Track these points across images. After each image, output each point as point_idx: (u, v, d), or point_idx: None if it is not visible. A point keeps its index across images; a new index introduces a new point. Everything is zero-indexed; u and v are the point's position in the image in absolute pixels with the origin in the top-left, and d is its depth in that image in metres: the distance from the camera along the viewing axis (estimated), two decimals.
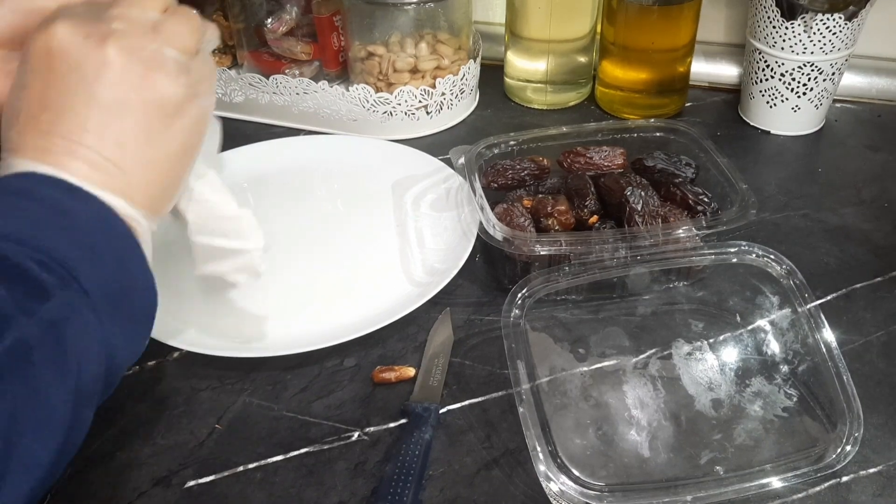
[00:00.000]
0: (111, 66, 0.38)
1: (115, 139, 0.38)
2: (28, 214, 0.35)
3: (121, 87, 0.38)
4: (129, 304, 0.38)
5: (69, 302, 0.34)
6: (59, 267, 0.34)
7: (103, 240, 0.37)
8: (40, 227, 0.35)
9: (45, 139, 0.37)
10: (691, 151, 0.69)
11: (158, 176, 0.40)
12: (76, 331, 0.34)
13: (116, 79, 0.38)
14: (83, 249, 0.35)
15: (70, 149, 0.37)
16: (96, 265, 0.36)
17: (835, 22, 0.74)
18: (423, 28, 0.82)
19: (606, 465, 0.50)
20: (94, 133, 0.37)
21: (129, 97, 0.38)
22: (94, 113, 0.37)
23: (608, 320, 0.60)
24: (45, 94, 0.37)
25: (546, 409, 0.53)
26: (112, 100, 0.38)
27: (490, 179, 0.68)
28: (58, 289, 0.34)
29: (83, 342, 0.35)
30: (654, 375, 0.56)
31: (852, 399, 0.51)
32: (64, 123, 0.37)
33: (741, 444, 0.51)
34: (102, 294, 0.36)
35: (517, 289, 0.56)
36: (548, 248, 0.59)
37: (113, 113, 0.38)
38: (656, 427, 0.52)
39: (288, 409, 0.56)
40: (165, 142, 0.40)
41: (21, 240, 0.34)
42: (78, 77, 0.37)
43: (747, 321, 0.59)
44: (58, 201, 0.36)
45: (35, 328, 0.33)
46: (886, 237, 0.69)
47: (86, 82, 0.37)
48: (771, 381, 0.55)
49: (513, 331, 0.54)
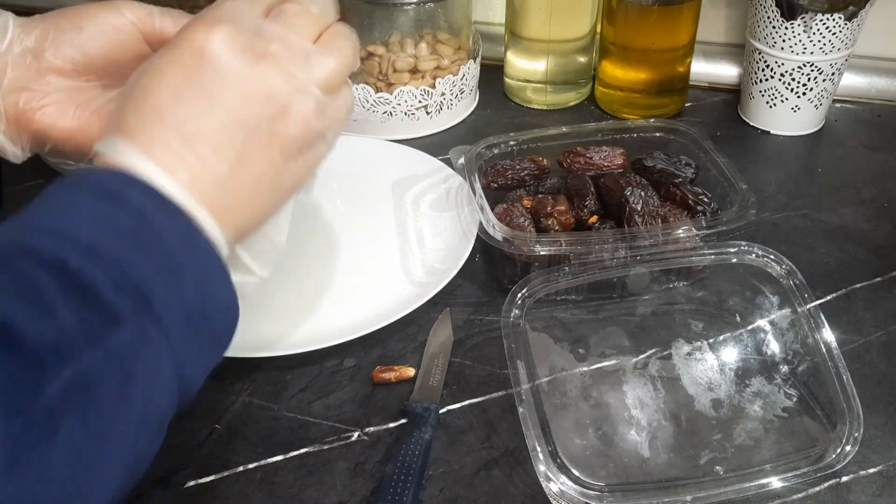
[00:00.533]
0: (257, 88, 0.37)
1: (231, 159, 0.36)
2: (114, 225, 0.33)
3: (257, 112, 0.37)
4: (208, 325, 0.36)
5: (140, 328, 0.32)
6: (134, 288, 0.32)
7: (186, 261, 0.35)
8: (124, 240, 0.33)
9: (164, 132, 0.35)
10: (691, 151, 0.69)
11: (256, 208, 0.39)
12: (145, 359, 0.33)
13: (257, 102, 0.37)
14: (163, 270, 0.34)
15: (183, 152, 0.36)
16: (175, 287, 0.34)
17: (834, 22, 0.74)
18: (422, 28, 0.82)
19: (606, 465, 0.50)
20: (213, 147, 0.36)
21: (262, 125, 0.37)
22: (222, 127, 0.36)
23: (608, 320, 0.60)
24: (181, 89, 0.36)
25: (546, 409, 0.53)
26: (243, 120, 0.36)
27: (490, 179, 0.68)
28: (130, 314, 0.32)
29: (152, 371, 0.33)
30: (653, 375, 0.56)
31: (852, 399, 0.51)
32: (188, 124, 0.35)
33: (741, 444, 0.51)
34: (178, 317, 0.34)
35: (517, 289, 0.56)
36: (547, 249, 0.59)
37: (239, 133, 0.36)
38: (656, 427, 0.52)
39: (288, 409, 0.56)
40: (276, 177, 0.39)
41: (101, 254, 0.32)
42: (221, 86, 0.36)
43: (747, 321, 0.59)
44: (147, 214, 0.34)
45: (100, 359, 0.31)
46: (886, 237, 0.69)
47: (226, 94, 0.36)
48: (771, 381, 0.55)
49: (513, 331, 0.54)
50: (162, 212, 0.34)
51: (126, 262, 0.32)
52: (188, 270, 0.35)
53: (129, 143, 0.35)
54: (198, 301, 0.35)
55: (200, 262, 0.35)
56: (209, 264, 0.36)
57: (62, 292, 0.30)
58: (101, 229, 0.33)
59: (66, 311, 0.30)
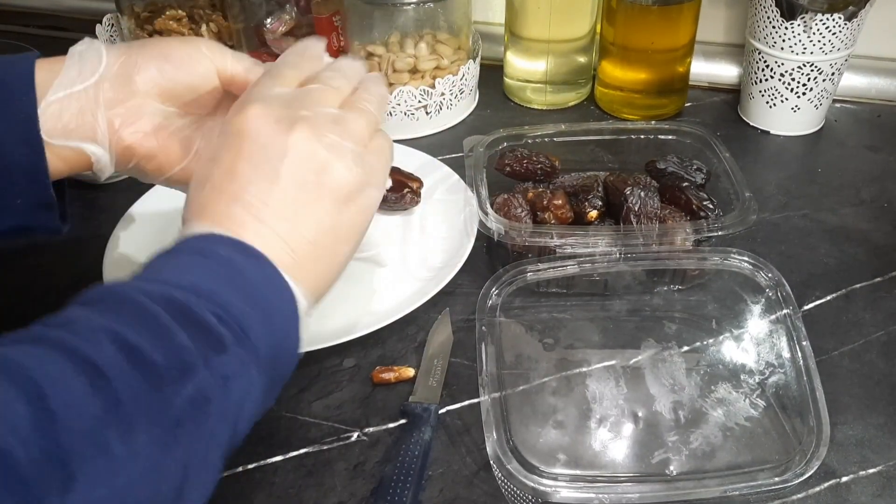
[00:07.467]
0: (296, 150, 0.40)
1: (291, 218, 0.40)
2: (206, 271, 0.37)
3: (302, 171, 0.40)
4: (280, 366, 0.39)
5: (241, 358, 0.35)
6: (234, 323, 0.35)
7: (273, 301, 0.38)
8: (218, 282, 0.36)
9: (228, 207, 0.39)
10: (703, 155, 0.70)
11: (324, 258, 0.42)
12: (242, 387, 0.35)
13: (299, 162, 0.40)
14: (256, 309, 0.37)
15: (247, 221, 0.39)
16: (265, 325, 0.37)
17: (834, 22, 0.74)
18: (422, 28, 0.82)
19: (558, 454, 0.51)
20: (273, 210, 0.40)
21: (309, 180, 0.40)
22: (276, 191, 0.40)
23: (584, 315, 0.60)
24: (233, 168, 0.40)
25: (507, 395, 0.53)
26: (293, 181, 0.40)
27: (505, 162, 0.69)
28: (233, 344, 0.35)
29: (246, 399, 0.36)
30: (617, 372, 0.56)
31: (822, 417, 0.50)
32: (247, 195, 0.39)
33: (696, 448, 0.51)
34: (265, 353, 0.37)
35: (500, 274, 0.57)
36: (537, 240, 0.59)
37: (290, 191, 0.40)
38: (613, 422, 0.53)
39: (287, 409, 0.55)
40: (336, 226, 0.42)
41: (200, 293, 0.35)
42: (265, 157, 0.40)
43: (723, 328, 0.59)
44: (234, 260, 0.38)
45: (212, 380, 0.34)
46: (886, 237, 0.69)
47: (272, 162, 0.40)
48: (737, 390, 0.54)
49: (487, 315, 0.55)
50: (247, 259, 0.38)
51: (223, 299, 0.36)
52: (275, 311, 0.38)
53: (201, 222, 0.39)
54: (280, 340, 0.38)
55: (283, 305, 0.39)
56: (289, 308, 0.39)
57: (174, 320, 0.34)
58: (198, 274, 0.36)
59: (181, 335, 0.33)
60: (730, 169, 0.66)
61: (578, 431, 0.52)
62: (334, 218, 0.42)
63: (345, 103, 0.44)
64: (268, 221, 0.39)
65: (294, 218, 0.40)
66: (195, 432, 0.33)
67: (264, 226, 0.39)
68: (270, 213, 0.40)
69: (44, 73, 0.44)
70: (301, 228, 0.40)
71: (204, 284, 0.36)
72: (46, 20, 1.08)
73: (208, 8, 0.89)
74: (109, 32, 0.94)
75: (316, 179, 0.41)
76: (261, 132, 0.40)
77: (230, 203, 0.39)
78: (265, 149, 0.40)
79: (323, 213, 0.41)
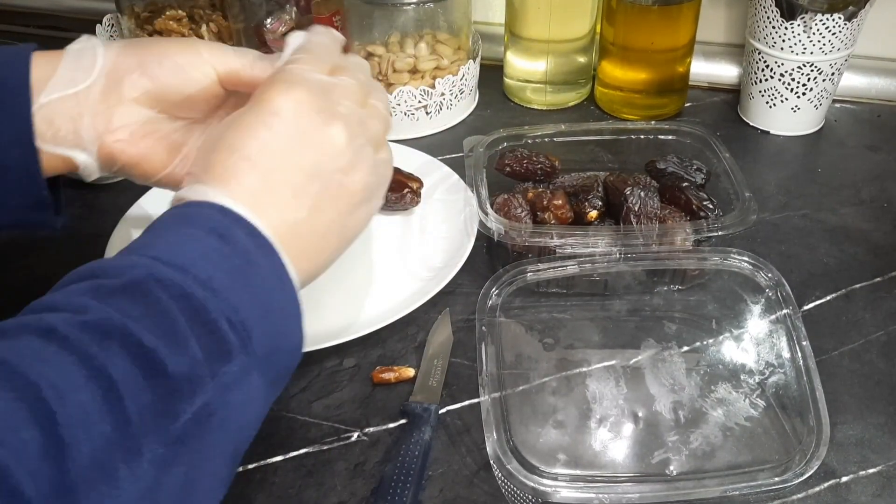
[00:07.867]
0: (332, 146, 0.40)
1: (308, 206, 0.40)
2: (224, 262, 0.36)
3: (330, 165, 0.40)
4: (281, 365, 0.38)
5: (244, 365, 0.35)
6: (241, 327, 0.35)
7: (277, 300, 0.38)
8: (234, 277, 0.36)
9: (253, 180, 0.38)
10: (703, 156, 0.70)
11: (323, 254, 0.42)
12: (246, 395, 0.35)
13: (330, 157, 0.40)
14: (260, 310, 0.36)
15: (267, 199, 0.38)
16: (267, 327, 0.36)
17: (834, 22, 0.74)
18: (422, 28, 0.82)
19: (558, 454, 0.51)
20: (294, 194, 0.39)
21: (334, 177, 0.40)
22: (303, 177, 0.39)
23: (584, 315, 0.60)
24: (266, 144, 0.39)
25: (507, 395, 0.53)
26: (319, 172, 0.40)
27: (505, 162, 0.69)
28: (238, 351, 0.34)
29: (248, 405, 0.35)
30: (617, 372, 0.56)
31: (822, 418, 0.50)
32: (273, 176, 0.39)
33: (696, 448, 0.51)
34: (265, 355, 0.36)
35: (499, 275, 0.57)
36: (537, 240, 0.59)
37: (315, 183, 0.40)
38: (613, 422, 0.53)
39: (287, 409, 0.55)
40: (343, 226, 0.42)
41: (216, 290, 0.35)
42: (300, 144, 0.39)
43: (723, 328, 0.59)
44: (250, 252, 0.37)
45: (217, 392, 0.33)
46: (886, 237, 0.69)
47: (306, 150, 0.40)
48: (737, 390, 0.54)
49: (487, 315, 0.55)
50: (262, 253, 0.37)
51: (236, 300, 0.35)
52: (278, 309, 0.37)
53: (220, 188, 0.38)
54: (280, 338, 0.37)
55: (286, 303, 0.38)
56: (292, 305, 0.38)
57: (191, 325, 0.33)
58: (215, 266, 0.35)
59: (195, 345, 0.33)
60: (730, 169, 0.66)
61: (578, 431, 0.52)
62: (345, 219, 0.42)
63: (364, 104, 0.44)
64: (288, 206, 0.39)
65: (312, 209, 0.40)
66: (196, 447, 0.32)
67: (283, 210, 0.39)
68: (292, 199, 0.39)
69: (40, 70, 0.44)
70: (314, 222, 0.40)
71: (218, 279, 0.35)
72: (46, 20, 1.08)
73: (208, 8, 0.89)
74: (109, 32, 0.94)
75: (340, 178, 0.41)
76: (301, 118, 0.40)
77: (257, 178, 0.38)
78: (301, 137, 0.39)
79: (337, 214, 0.41)
